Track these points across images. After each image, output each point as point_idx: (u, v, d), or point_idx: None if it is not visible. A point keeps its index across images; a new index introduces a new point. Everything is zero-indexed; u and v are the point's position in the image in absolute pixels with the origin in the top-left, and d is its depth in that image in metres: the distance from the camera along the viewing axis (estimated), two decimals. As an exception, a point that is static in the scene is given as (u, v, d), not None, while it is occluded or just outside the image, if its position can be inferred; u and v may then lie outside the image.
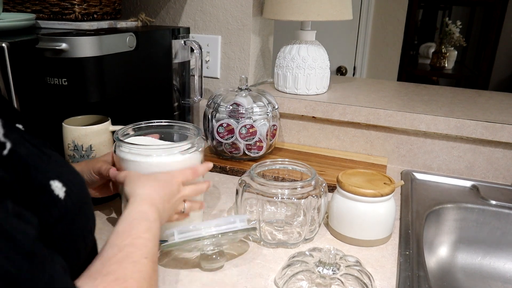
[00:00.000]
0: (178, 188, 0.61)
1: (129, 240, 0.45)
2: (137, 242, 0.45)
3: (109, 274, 0.39)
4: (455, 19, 2.93)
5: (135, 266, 0.42)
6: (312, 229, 0.71)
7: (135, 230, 0.47)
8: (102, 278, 0.38)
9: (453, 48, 2.92)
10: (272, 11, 1.06)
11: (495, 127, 0.94)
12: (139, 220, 0.49)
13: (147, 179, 0.58)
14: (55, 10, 0.92)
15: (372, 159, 1.03)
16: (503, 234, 0.86)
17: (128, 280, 0.39)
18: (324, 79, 1.11)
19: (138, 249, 0.44)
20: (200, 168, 0.66)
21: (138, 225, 0.48)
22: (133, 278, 0.40)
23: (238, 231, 0.62)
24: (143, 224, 0.49)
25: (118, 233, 0.46)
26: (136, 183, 0.57)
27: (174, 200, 0.60)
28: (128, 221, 0.49)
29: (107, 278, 0.39)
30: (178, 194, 0.61)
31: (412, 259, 0.67)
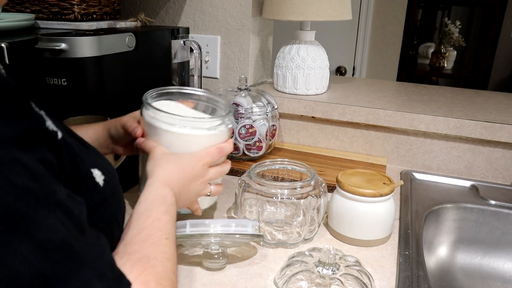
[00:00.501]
0: (203, 171, 0.60)
1: (148, 221, 0.45)
2: (157, 224, 0.46)
3: (133, 253, 0.40)
4: (455, 19, 2.94)
5: (157, 247, 0.42)
6: (312, 229, 0.71)
7: (155, 212, 0.48)
8: (127, 256, 0.40)
9: (453, 48, 2.93)
10: (272, 11, 1.06)
11: (494, 127, 0.94)
12: (158, 202, 0.50)
13: (169, 160, 0.57)
14: (54, 10, 0.92)
15: (371, 159, 1.03)
16: (503, 234, 0.86)
17: (152, 260, 0.40)
18: (324, 79, 1.11)
19: (158, 230, 0.45)
20: (226, 146, 0.62)
21: (157, 207, 0.49)
22: (157, 258, 0.41)
23: (246, 236, 0.61)
24: (162, 207, 0.49)
25: (138, 215, 0.47)
26: (158, 162, 0.57)
27: (197, 184, 0.59)
28: (147, 202, 0.49)
29: (132, 256, 0.40)
30: (202, 178, 0.60)
31: (412, 259, 0.67)
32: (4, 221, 0.25)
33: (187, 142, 0.60)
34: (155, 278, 0.39)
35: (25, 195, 0.26)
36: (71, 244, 0.29)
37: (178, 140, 0.60)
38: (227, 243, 0.63)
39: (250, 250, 0.68)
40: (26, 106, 0.30)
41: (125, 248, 0.41)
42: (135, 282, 0.36)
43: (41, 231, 0.27)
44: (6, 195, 0.25)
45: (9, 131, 0.27)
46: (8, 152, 0.26)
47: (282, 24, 1.34)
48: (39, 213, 0.27)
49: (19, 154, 0.27)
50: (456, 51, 2.96)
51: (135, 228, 0.44)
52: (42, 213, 0.27)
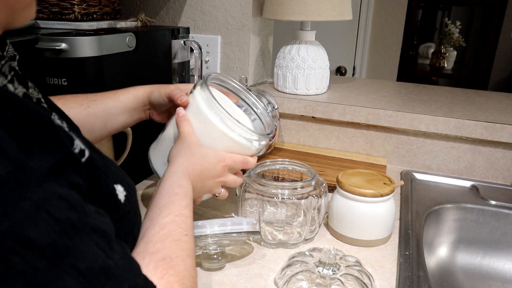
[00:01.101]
0: (222, 172, 0.61)
1: (170, 217, 0.46)
2: (178, 220, 0.46)
3: (155, 253, 0.40)
4: (455, 19, 2.94)
5: (178, 245, 0.43)
6: (312, 229, 0.71)
7: (176, 206, 0.48)
8: (150, 257, 0.40)
9: (453, 48, 2.92)
10: (272, 11, 1.06)
11: (494, 127, 0.94)
12: (181, 196, 0.50)
13: (195, 153, 0.58)
14: (55, 10, 0.92)
15: (371, 159, 1.03)
16: (503, 234, 0.86)
17: (174, 259, 0.41)
18: (324, 79, 1.11)
19: (179, 226, 0.45)
20: (251, 161, 0.64)
21: (180, 200, 0.49)
22: (178, 257, 0.41)
23: (243, 233, 0.61)
24: (184, 201, 0.49)
25: (160, 208, 0.47)
26: (184, 151, 0.57)
27: (211, 183, 0.60)
28: (170, 195, 0.49)
29: (155, 257, 0.40)
30: (218, 177, 0.61)
31: (412, 259, 0.67)
32: (50, 257, 0.25)
33: (222, 140, 0.61)
34: (178, 278, 0.39)
35: (67, 228, 0.27)
36: (108, 266, 0.30)
37: (215, 135, 0.61)
38: (225, 243, 0.63)
39: (250, 250, 0.68)
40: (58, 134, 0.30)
41: (146, 247, 0.41)
42: (159, 284, 0.37)
43: (83, 260, 0.28)
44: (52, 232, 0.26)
45: (46, 163, 0.27)
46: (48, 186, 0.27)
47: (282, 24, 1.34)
48: (79, 243, 0.28)
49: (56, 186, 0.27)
50: (456, 51, 2.96)
51: (157, 224, 0.44)
52: (82, 241, 0.28)
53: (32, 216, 0.25)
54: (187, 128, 0.61)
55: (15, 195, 0.24)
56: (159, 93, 0.67)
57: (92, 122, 0.66)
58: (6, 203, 0.24)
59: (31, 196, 0.25)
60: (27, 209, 0.25)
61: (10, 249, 0.24)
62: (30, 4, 0.33)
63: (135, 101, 0.69)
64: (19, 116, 0.27)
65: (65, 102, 0.64)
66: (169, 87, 0.67)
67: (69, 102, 0.65)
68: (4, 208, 0.24)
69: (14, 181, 0.24)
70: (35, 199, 0.25)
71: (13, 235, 0.24)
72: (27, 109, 0.28)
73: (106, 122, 0.67)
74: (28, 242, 0.24)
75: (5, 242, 0.23)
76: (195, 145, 0.60)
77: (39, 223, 0.25)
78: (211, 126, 0.61)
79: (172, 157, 0.57)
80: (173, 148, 0.59)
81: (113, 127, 0.69)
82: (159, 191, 0.50)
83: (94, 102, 0.66)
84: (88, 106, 0.66)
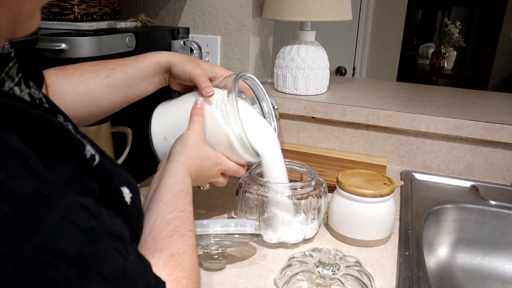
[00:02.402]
0: (215, 174, 0.63)
1: (176, 213, 0.47)
2: (182, 216, 0.47)
3: (163, 250, 0.42)
4: (455, 19, 2.94)
5: (184, 240, 0.44)
6: (312, 229, 0.71)
7: (181, 202, 0.49)
8: (159, 254, 0.41)
9: (453, 49, 2.92)
10: (272, 11, 1.06)
11: (494, 128, 0.94)
12: (185, 193, 0.51)
13: (198, 154, 0.59)
14: (55, 10, 0.92)
15: (371, 160, 1.03)
16: (503, 235, 0.86)
17: (182, 255, 0.42)
18: (324, 80, 1.11)
19: (184, 222, 0.46)
20: (242, 172, 0.67)
21: (184, 197, 0.50)
22: (185, 253, 0.42)
23: (245, 235, 0.61)
24: (187, 197, 0.51)
25: (166, 204, 0.48)
26: (188, 150, 0.58)
27: (204, 180, 0.62)
28: (176, 191, 0.50)
29: (163, 253, 0.41)
30: (210, 178, 0.63)
31: (412, 260, 0.67)
32: (79, 265, 0.26)
33: (225, 147, 0.63)
34: (185, 273, 0.40)
35: (90, 235, 0.28)
36: (126, 267, 0.31)
37: (223, 142, 0.62)
38: (226, 243, 0.63)
39: (250, 250, 0.68)
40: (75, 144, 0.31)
41: (155, 243, 0.42)
42: (168, 280, 0.38)
43: (106, 265, 0.29)
44: (78, 241, 0.27)
45: (65, 174, 0.28)
46: (70, 197, 0.27)
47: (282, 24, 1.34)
48: (101, 248, 0.29)
49: (76, 195, 0.28)
50: (456, 52, 2.96)
51: (163, 219, 0.45)
52: (103, 247, 0.29)
53: (60, 228, 0.26)
54: (198, 125, 0.62)
55: (43, 210, 0.25)
56: (183, 71, 0.65)
57: (112, 93, 0.65)
58: (37, 218, 0.25)
59: (56, 208, 0.26)
60: (55, 221, 0.26)
61: (44, 262, 0.25)
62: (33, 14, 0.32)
63: (157, 68, 0.66)
64: (40, 130, 0.28)
65: (82, 73, 0.63)
66: (195, 70, 0.65)
67: (87, 72, 0.64)
68: (35, 223, 0.25)
69: (41, 196, 0.25)
70: (60, 211, 0.26)
71: (45, 248, 0.25)
72: (47, 122, 0.28)
73: (127, 91, 0.66)
74: (59, 254, 0.25)
75: (39, 255, 0.24)
76: (200, 145, 0.60)
77: (66, 233, 0.26)
78: (223, 135, 0.62)
79: (176, 153, 0.57)
80: (178, 142, 0.59)
81: (134, 95, 0.67)
82: (163, 186, 0.51)
83: (113, 71, 0.65)
84: (108, 75, 0.64)
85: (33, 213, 0.25)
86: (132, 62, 0.66)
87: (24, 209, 0.24)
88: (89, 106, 0.64)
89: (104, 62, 0.65)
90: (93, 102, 0.64)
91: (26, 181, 0.25)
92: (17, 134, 0.26)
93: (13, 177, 0.24)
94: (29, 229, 0.24)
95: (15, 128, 0.26)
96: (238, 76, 0.64)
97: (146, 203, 0.51)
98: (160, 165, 0.61)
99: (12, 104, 0.27)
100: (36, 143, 0.27)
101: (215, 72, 0.68)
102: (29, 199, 0.24)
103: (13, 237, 0.23)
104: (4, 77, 0.36)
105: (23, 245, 0.24)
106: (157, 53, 0.67)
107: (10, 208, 0.23)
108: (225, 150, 0.64)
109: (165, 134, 0.66)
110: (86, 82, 0.63)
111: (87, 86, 0.63)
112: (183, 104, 0.66)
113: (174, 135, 0.63)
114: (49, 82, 0.61)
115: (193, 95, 0.66)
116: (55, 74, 0.62)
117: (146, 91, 0.68)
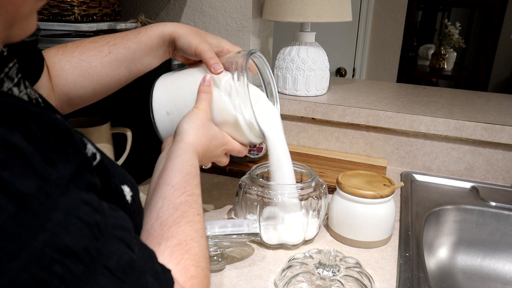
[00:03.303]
0: (220, 154, 0.62)
1: (183, 197, 0.45)
2: (190, 199, 0.46)
3: (170, 238, 0.40)
4: (455, 20, 2.94)
5: (192, 226, 0.43)
6: (312, 230, 0.71)
7: (189, 185, 0.47)
8: (165, 243, 0.40)
9: (453, 50, 2.92)
10: (272, 12, 1.06)
11: (494, 129, 0.94)
12: (192, 174, 0.49)
13: (205, 134, 0.57)
14: (55, 11, 0.92)
15: (371, 161, 1.03)
16: (503, 236, 0.86)
17: (189, 242, 0.41)
18: (324, 81, 1.11)
19: (191, 206, 0.45)
20: (245, 152, 0.65)
21: (192, 180, 0.48)
22: (193, 240, 0.41)
23: (243, 235, 0.61)
24: (195, 179, 0.49)
25: (172, 187, 0.46)
26: (195, 129, 0.56)
27: (206, 160, 0.61)
28: (184, 174, 0.48)
29: (170, 242, 0.40)
30: (214, 158, 0.61)
31: (412, 261, 0.67)
32: (86, 260, 0.27)
33: (232, 128, 0.61)
34: (193, 261, 0.40)
35: (95, 230, 0.28)
36: (132, 259, 0.31)
37: (230, 121, 0.60)
38: (225, 244, 0.63)
39: (250, 251, 0.68)
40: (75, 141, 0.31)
41: (161, 231, 0.41)
42: (176, 269, 0.37)
43: (112, 259, 0.29)
44: (84, 236, 0.27)
45: (67, 171, 0.28)
46: (73, 193, 0.27)
47: (282, 25, 1.34)
48: (106, 243, 0.29)
49: (78, 191, 0.28)
50: (456, 53, 2.96)
51: (171, 204, 0.44)
52: (108, 241, 0.29)
53: (65, 224, 0.26)
54: (205, 104, 0.59)
55: (47, 207, 0.25)
56: (189, 45, 0.62)
57: (116, 70, 0.63)
58: (41, 216, 0.25)
59: (60, 205, 0.26)
60: (60, 218, 0.26)
61: (51, 259, 0.25)
62: (29, 16, 0.32)
63: (160, 41, 0.64)
64: (41, 127, 0.27)
65: (83, 51, 0.61)
66: (201, 45, 0.61)
67: (88, 50, 0.61)
68: (40, 221, 0.25)
69: (44, 194, 0.25)
70: (64, 208, 0.26)
71: (52, 245, 0.25)
72: (48, 120, 0.28)
73: (131, 66, 0.64)
74: (66, 250, 0.25)
75: (46, 252, 0.24)
76: (208, 124, 0.58)
77: (72, 229, 0.26)
78: (231, 115, 0.60)
79: (183, 132, 0.55)
80: (186, 120, 0.56)
81: (138, 70, 0.65)
82: (170, 168, 0.49)
83: (115, 47, 0.62)
84: (109, 52, 0.62)
85: (38, 211, 0.25)
86: (134, 36, 0.63)
87: (29, 208, 0.24)
88: (93, 85, 0.62)
89: (105, 38, 0.63)
90: (97, 80, 0.62)
91: (29, 180, 0.25)
92: (19, 132, 0.26)
93: (17, 176, 0.24)
94: (35, 227, 0.24)
95: (17, 126, 0.26)
96: (249, 54, 0.62)
97: (152, 185, 0.49)
98: (165, 145, 0.59)
99: (14, 102, 0.27)
100: (38, 141, 0.27)
101: (222, 46, 0.66)
102: (33, 198, 0.25)
103: (20, 236, 0.23)
104: (3, 78, 0.36)
105: (30, 243, 0.24)
106: (160, 24, 0.64)
107: (15, 207, 0.23)
108: (230, 129, 0.62)
109: (168, 109, 0.63)
110: (88, 60, 0.61)
111: (89, 64, 0.61)
112: (189, 78, 0.64)
113: (178, 111, 0.61)
114: (50, 63, 0.59)
115: (199, 70, 0.63)
116: (55, 54, 0.60)
117: (150, 65, 0.66)
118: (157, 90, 0.66)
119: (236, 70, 0.61)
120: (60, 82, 0.59)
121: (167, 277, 0.35)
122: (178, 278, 0.37)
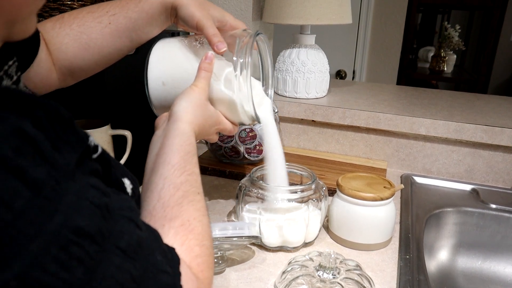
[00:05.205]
0: (213, 132, 0.61)
1: (184, 176, 0.46)
2: (191, 179, 0.46)
3: (174, 219, 0.41)
4: (454, 23, 2.94)
5: (193, 205, 0.43)
6: (312, 233, 0.71)
7: (189, 164, 0.47)
8: (169, 224, 0.40)
9: (452, 52, 2.93)
10: (272, 15, 1.06)
11: (494, 131, 0.94)
12: (191, 153, 0.49)
13: (202, 113, 0.56)
14: (55, 14, 0.92)
15: (371, 163, 1.03)
16: (503, 238, 0.86)
17: (192, 222, 0.41)
18: (324, 83, 1.12)
19: (192, 186, 0.45)
20: (234, 130, 0.65)
21: (191, 159, 0.48)
22: (196, 219, 0.42)
23: (243, 238, 0.61)
24: (194, 158, 0.49)
25: (172, 166, 0.46)
26: (194, 108, 0.55)
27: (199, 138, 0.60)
28: (181, 153, 0.48)
29: (173, 223, 0.41)
30: (207, 136, 0.61)
31: (412, 263, 0.67)
32: (99, 241, 0.27)
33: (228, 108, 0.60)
34: (197, 241, 0.40)
35: (105, 212, 0.29)
36: (141, 238, 0.32)
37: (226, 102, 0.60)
38: (225, 246, 0.63)
39: (250, 254, 0.68)
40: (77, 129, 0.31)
41: (164, 212, 0.42)
42: (181, 250, 0.38)
43: (122, 238, 0.29)
44: (96, 217, 0.28)
45: (73, 158, 0.29)
46: (80, 178, 0.28)
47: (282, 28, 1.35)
48: (116, 223, 0.30)
49: (84, 176, 0.29)
50: (456, 55, 2.96)
51: (172, 184, 0.44)
52: (117, 222, 0.30)
53: (77, 206, 0.27)
54: (204, 82, 0.58)
55: (58, 193, 0.26)
56: (191, 17, 0.59)
57: (117, 40, 0.61)
58: (54, 201, 0.25)
59: (70, 190, 0.27)
60: (72, 201, 0.26)
61: (68, 240, 0.25)
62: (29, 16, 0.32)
63: (162, 9, 0.61)
64: (48, 115, 0.28)
65: (81, 22, 0.59)
66: (204, 20, 0.59)
67: (86, 21, 0.59)
68: (53, 205, 0.25)
69: (54, 180, 0.26)
70: (74, 192, 0.27)
71: (67, 227, 0.25)
72: (52, 108, 0.29)
73: (132, 36, 0.62)
74: (81, 231, 0.26)
75: (63, 234, 0.25)
76: (205, 104, 0.57)
77: (84, 212, 0.27)
78: (228, 97, 0.59)
79: (182, 111, 0.53)
80: (184, 99, 0.55)
81: (140, 40, 0.63)
82: (169, 147, 0.48)
83: (115, 17, 0.60)
84: (109, 22, 0.59)
85: (50, 196, 0.25)
86: (134, 5, 0.60)
87: (42, 193, 0.25)
88: (95, 57, 0.61)
89: (104, 7, 0.60)
90: (98, 52, 0.60)
91: (40, 166, 0.25)
92: (29, 120, 0.26)
93: (30, 162, 0.25)
94: (50, 211, 0.25)
95: (28, 114, 0.27)
96: (255, 35, 0.61)
97: (149, 164, 0.49)
98: (159, 122, 0.57)
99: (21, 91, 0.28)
100: (46, 128, 0.27)
101: (225, 20, 0.64)
102: (45, 183, 0.25)
103: (37, 219, 0.24)
104: (3, 76, 0.36)
105: (46, 226, 0.24)
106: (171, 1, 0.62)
107: (30, 193, 0.24)
108: (225, 109, 0.61)
109: (164, 80, 0.61)
110: (87, 32, 0.59)
111: (88, 36, 0.59)
112: (190, 51, 0.62)
113: (174, 83, 0.60)
114: (47, 37, 0.57)
115: (201, 44, 0.62)
116: (52, 27, 0.58)
117: (152, 33, 0.64)
118: (154, 57, 0.63)
119: (240, 50, 0.59)
120: (60, 56, 0.57)
121: (174, 255, 0.36)
122: (184, 258, 0.37)
